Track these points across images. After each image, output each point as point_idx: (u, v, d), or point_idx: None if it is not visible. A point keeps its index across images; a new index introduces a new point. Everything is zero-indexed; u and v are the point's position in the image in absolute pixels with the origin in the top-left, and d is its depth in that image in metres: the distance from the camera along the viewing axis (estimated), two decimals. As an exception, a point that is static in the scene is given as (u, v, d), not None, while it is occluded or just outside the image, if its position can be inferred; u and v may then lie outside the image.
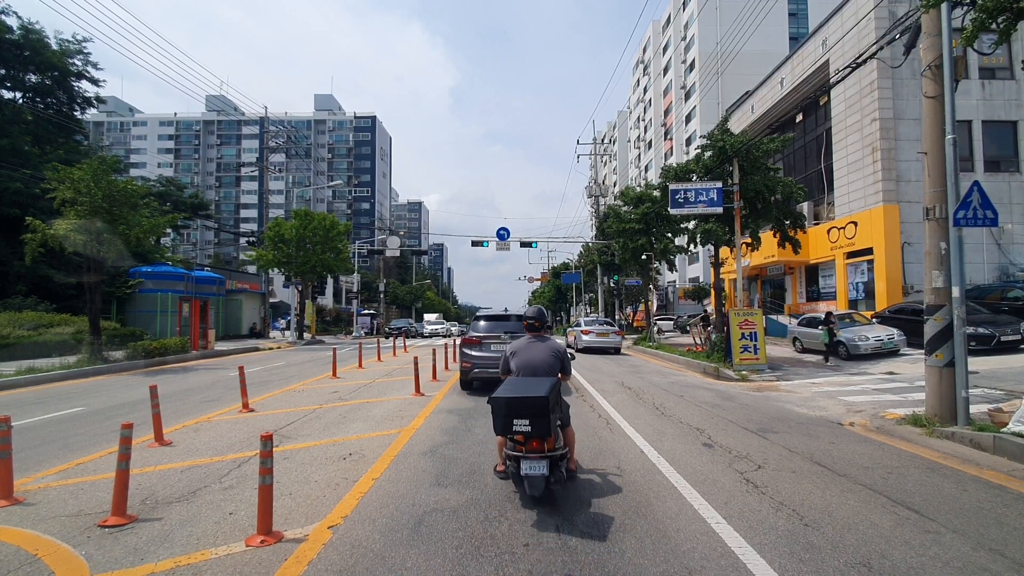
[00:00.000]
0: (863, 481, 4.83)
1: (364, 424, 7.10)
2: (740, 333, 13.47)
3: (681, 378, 12.61)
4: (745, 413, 8.04)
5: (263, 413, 7.98)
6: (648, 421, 7.33)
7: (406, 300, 69.76)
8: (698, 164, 15.33)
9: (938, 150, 7.51)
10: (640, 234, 22.86)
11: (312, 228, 28.10)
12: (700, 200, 14.45)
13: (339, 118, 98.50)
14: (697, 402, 9.01)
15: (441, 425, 7.00)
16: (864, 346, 14.51)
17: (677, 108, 58.05)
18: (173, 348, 17.63)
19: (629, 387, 10.67)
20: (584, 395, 9.62)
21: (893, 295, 18.39)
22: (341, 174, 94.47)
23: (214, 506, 4.14)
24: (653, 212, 22.81)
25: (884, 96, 19.26)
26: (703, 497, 4.29)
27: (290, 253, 27.79)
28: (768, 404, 8.94)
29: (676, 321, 37.96)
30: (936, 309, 7.31)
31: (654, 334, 22.87)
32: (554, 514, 3.89)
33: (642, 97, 68.80)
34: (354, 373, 13.49)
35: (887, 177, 18.95)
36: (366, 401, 8.93)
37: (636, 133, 70.69)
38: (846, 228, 20.60)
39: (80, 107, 29.02)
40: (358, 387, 10.68)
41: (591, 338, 20.72)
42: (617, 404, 8.64)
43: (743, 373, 12.78)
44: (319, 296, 59.58)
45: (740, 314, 13.64)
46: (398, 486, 4.55)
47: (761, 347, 13.44)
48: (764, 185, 14.62)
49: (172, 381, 12.23)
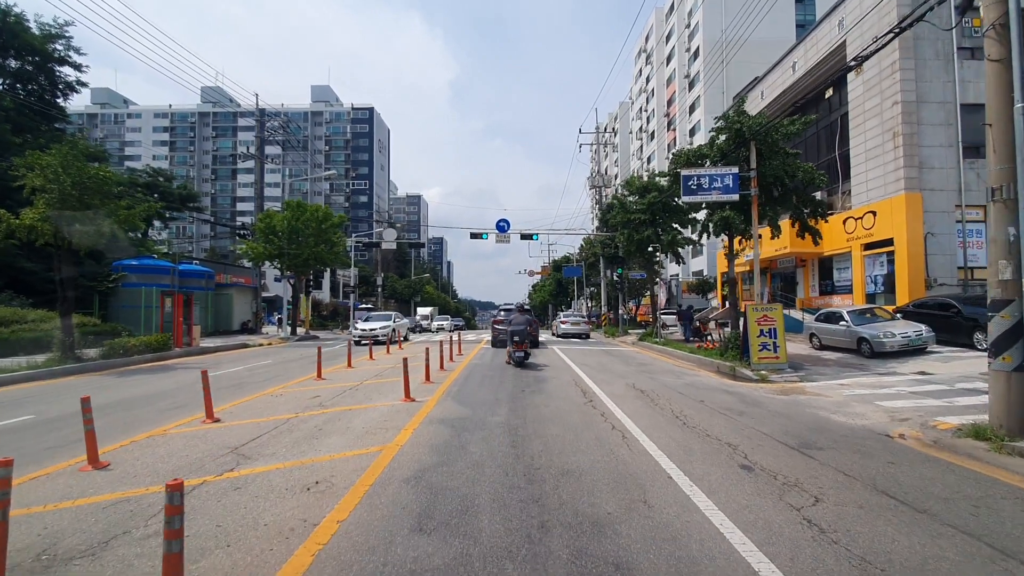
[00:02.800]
0: (951, 521, 3.87)
1: (341, 439, 6.13)
2: (759, 330, 12.49)
3: (696, 379, 11.65)
4: (778, 423, 7.07)
5: (228, 424, 7.01)
6: (670, 434, 6.36)
7: (404, 294, 68.78)
8: (712, 148, 14.28)
9: (1005, 120, 6.48)
10: (646, 225, 21.84)
11: (304, 220, 27.06)
12: (714, 187, 13.43)
13: (336, 110, 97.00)
14: (720, 408, 8.04)
15: (430, 440, 6.03)
16: (890, 343, 13.53)
17: (680, 98, 56.79)
18: (153, 345, 16.66)
19: (642, 390, 9.70)
20: (593, 400, 8.66)
21: (915, 289, 17.39)
22: (338, 166, 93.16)
23: (126, 565, 3.16)
24: (660, 202, 21.78)
25: (907, 78, 18.16)
26: (760, 550, 3.32)
27: (281, 246, 26.77)
28: (800, 411, 7.98)
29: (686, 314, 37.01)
30: (1003, 305, 6.31)
31: (660, 329, 21.91)
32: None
33: (644, 87, 67.46)
34: (342, 374, 12.52)
35: (909, 164, 17.89)
36: (348, 408, 7.95)
37: (638, 124, 69.41)
38: (864, 218, 19.56)
39: (62, 93, 27.87)
40: (343, 391, 9.71)
41: (567, 327, 27.98)
42: (632, 412, 7.67)
43: (762, 373, 11.82)
44: (316, 290, 58.62)
45: (759, 309, 12.65)
46: (368, 534, 3.57)
47: (781, 345, 12.46)
48: (783, 171, 13.59)
49: (144, 383, 11.27)
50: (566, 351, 18.59)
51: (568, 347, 20.59)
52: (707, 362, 14.10)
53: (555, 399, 8.68)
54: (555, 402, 8.42)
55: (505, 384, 10.41)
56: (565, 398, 8.78)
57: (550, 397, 8.87)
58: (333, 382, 10.85)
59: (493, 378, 11.42)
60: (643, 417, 7.32)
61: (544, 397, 8.90)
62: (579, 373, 12.42)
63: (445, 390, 9.65)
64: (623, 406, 8.10)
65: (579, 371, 12.85)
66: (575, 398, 8.81)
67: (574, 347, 20.63)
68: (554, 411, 7.71)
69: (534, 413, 7.55)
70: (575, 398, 8.81)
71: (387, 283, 70.56)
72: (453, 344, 18.18)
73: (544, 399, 8.69)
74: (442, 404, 8.24)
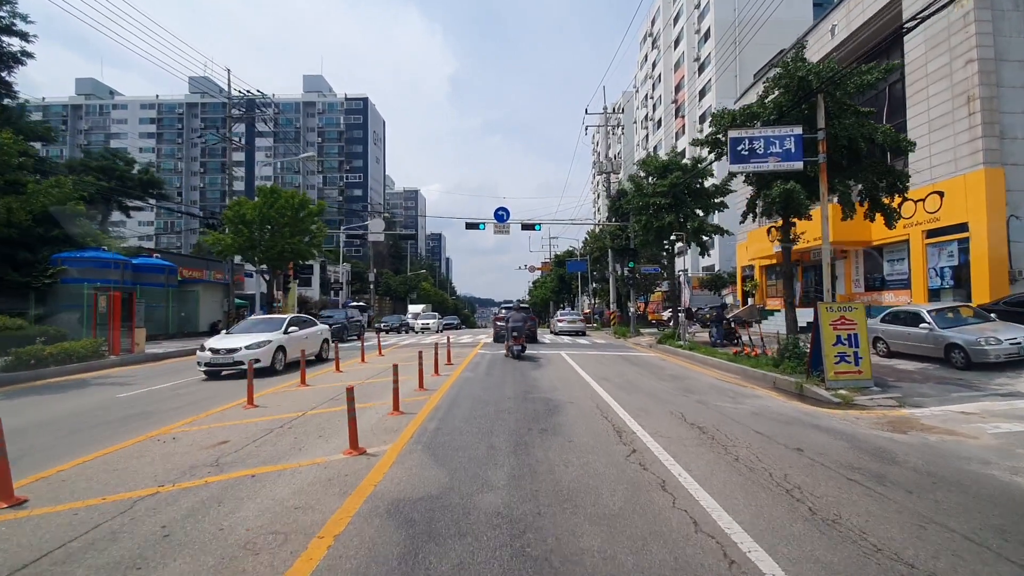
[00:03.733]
0: None
1: (201, 559, 3.21)
2: (834, 336, 9.57)
3: (759, 402, 8.72)
4: (955, 501, 4.15)
5: (31, 513, 4.09)
6: (796, 536, 3.42)
7: (400, 291, 65.82)
8: (764, 106, 11.31)
9: None
10: (667, 210, 18.89)
11: (279, 208, 24.04)
12: (771, 152, 10.48)
13: (329, 100, 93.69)
14: (837, 466, 5.12)
15: (363, 564, 3.10)
16: (994, 352, 10.62)
17: (690, 83, 53.75)
18: (79, 353, 13.74)
19: (700, 427, 6.77)
20: (637, 448, 5.71)
21: (998, 283, 14.49)
22: (332, 159, 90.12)
23: None
24: (683, 184, 18.83)
25: (983, 31, 15.21)
26: None
27: (253, 237, 23.79)
28: (957, 469, 5.07)
29: (696, 313, 34.05)
30: None
31: (683, 332, 19.01)
32: None
33: (650, 73, 64.35)
34: (286, 396, 9.59)
35: (988, 133, 14.95)
36: (252, 472, 5.02)
37: (644, 112, 66.33)
38: (926, 200, 16.62)
39: (7, 66, 24.82)
40: (268, 430, 6.77)
41: (564, 324, 28.49)
42: (705, 477, 4.74)
43: (842, 393, 8.92)
44: (304, 287, 55.67)
45: (834, 309, 9.72)
46: None
47: (865, 356, 9.54)
48: (859, 132, 10.64)
49: (25, 408, 8.38)
50: (578, 358, 15.68)
51: (579, 353, 17.66)
52: (756, 375, 11.21)
53: (579, 447, 5.75)
54: (579, 454, 5.50)
55: (505, 416, 7.48)
56: (594, 445, 5.85)
57: (571, 443, 5.94)
58: (265, 412, 7.91)
59: (488, 404, 8.48)
60: (730, 491, 4.39)
61: (562, 442, 5.97)
62: (602, 394, 9.50)
63: (417, 429, 6.70)
64: (687, 463, 5.17)
65: (601, 390, 9.93)
66: (608, 444, 5.88)
67: (587, 353, 17.71)
68: (581, 476, 4.79)
69: (550, 483, 4.63)
70: (608, 444, 5.88)
71: (381, 280, 67.59)
72: (442, 349, 15.24)
73: (562, 447, 5.76)
74: (405, 462, 5.29)
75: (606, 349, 19.41)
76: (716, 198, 19.49)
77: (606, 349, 19.41)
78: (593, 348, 20.01)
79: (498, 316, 23.04)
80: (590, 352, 17.85)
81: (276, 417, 7.49)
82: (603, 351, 18.41)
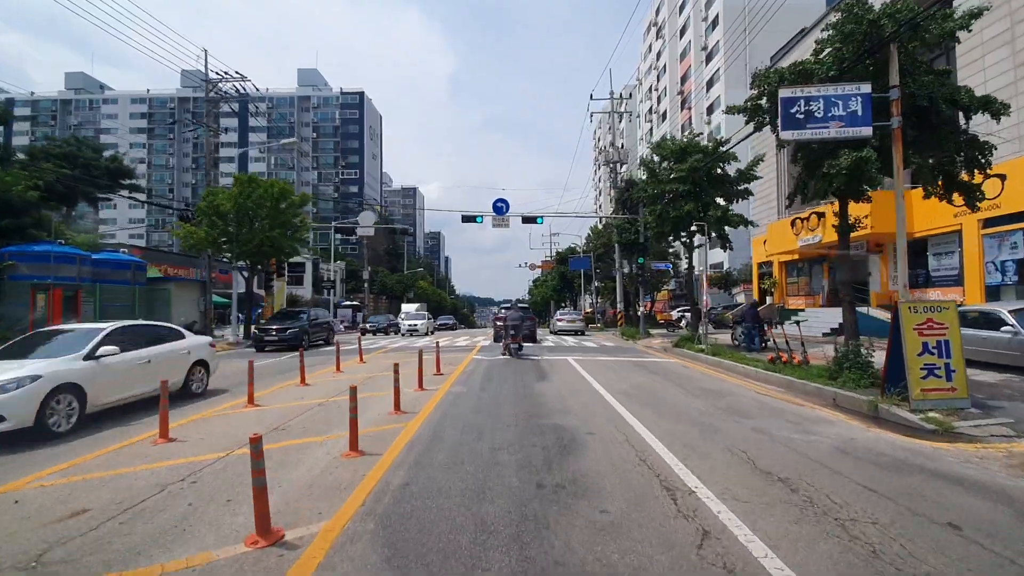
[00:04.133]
0: None
1: None
2: (919, 344, 7.56)
3: (833, 430, 6.71)
4: None
5: None
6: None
7: (396, 290, 63.79)
8: (821, 62, 9.27)
9: None
10: (685, 198, 16.87)
11: (257, 198, 22.05)
12: (833, 115, 8.46)
13: (324, 94, 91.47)
14: (998, 553, 3.11)
15: None
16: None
17: (697, 72, 51.71)
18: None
19: (780, 478, 4.73)
20: (699, 518, 3.69)
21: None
22: (327, 155, 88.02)
23: None
24: (703, 168, 16.83)
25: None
26: None
27: (228, 230, 21.79)
28: None
29: (710, 313, 32.04)
30: None
31: (703, 335, 17.02)
32: None
33: (655, 64, 62.27)
34: (214, 424, 7.57)
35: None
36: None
37: (648, 105, 64.26)
38: (984, 185, 14.59)
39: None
40: (158, 487, 4.76)
41: (563, 324, 28.28)
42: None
43: (935, 417, 6.93)
44: (296, 286, 53.61)
45: (919, 310, 7.70)
46: None
47: (959, 369, 7.54)
48: (939, 92, 8.63)
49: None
50: (587, 364, 13.68)
51: (588, 358, 15.67)
52: (809, 390, 9.23)
53: (618, 527, 3.72)
54: (621, 539, 3.48)
55: (503, 458, 5.46)
56: (640, 520, 3.82)
57: (604, 517, 3.91)
58: (174, 453, 5.84)
59: (480, 437, 6.47)
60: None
61: (589, 512, 3.95)
62: (628, 419, 7.51)
63: (376, 486, 4.65)
64: (799, 560, 3.15)
65: (626, 413, 7.94)
66: (661, 518, 3.85)
67: (596, 359, 15.71)
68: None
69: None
70: (661, 518, 3.85)
71: (376, 278, 65.55)
72: (431, 355, 13.21)
73: (592, 526, 3.73)
74: (338, 566, 3.26)
75: (617, 353, 17.42)
76: (740, 184, 17.46)
77: (617, 353, 17.42)
78: (602, 352, 18.01)
79: (498, 316, 23.07)
80: (600, 357, 15.86)
81: (184, 460, 5.47)
82: (614, 356, 16.41)
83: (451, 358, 15.31)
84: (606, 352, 18.07)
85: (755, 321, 15.98)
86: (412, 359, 12.41)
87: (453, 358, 15.43)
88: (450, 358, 15.22)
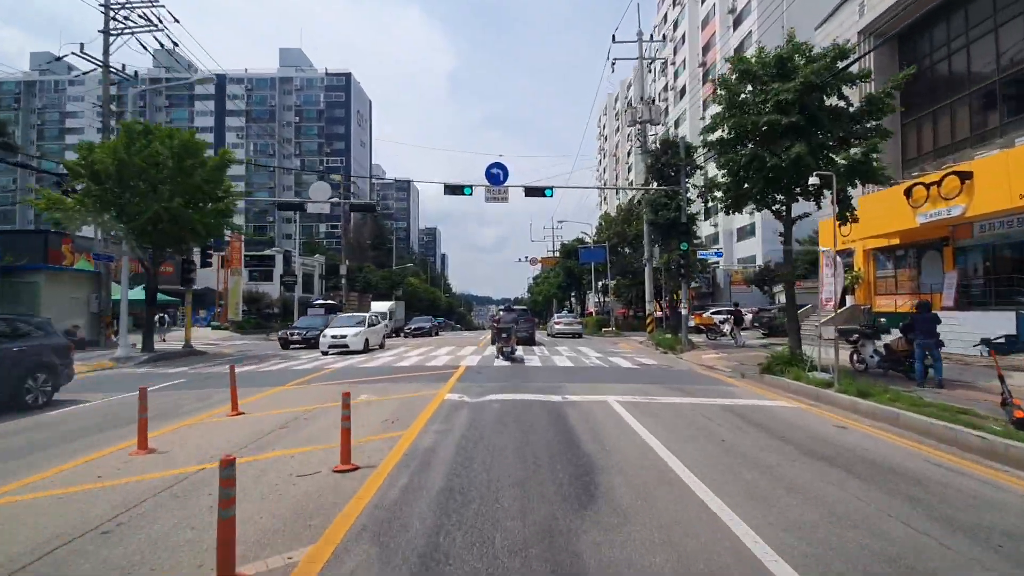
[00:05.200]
0: None
1: None
2: None
3: None
4: None
5: None
6: None
7: (381, 287, 57.22)
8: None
9: None
10: (792, 136, 10.46)
11: (149, 154, 15.58)
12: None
13: (308, 75, 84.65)
14: None
15: None
16: None
17: (723, 39, 45.33)
18: None
19: None
20: None
21: None
22: (311, 141, 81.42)
23: None
24: (819, 88, 10.45)
25: None
26: None
27: (106, 197, 15.35)
28: None
29: (755, 316, 25.68)
30: None
31: (814, 356, 10.64)
32: None
33: (671, 35, 55.82)
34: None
35: None
36: None
37: (663, 82, 57.76)
38: None
39: None
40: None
41: (561, 327, 29.27)
42: None
43: None
44: (264, 282, 47.12)
45: None
46: None
47: None
48: None
49: None
50: (651, 416, 7.21)
51: (643, 401, 9.17)
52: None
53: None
54: None
55: None
56: None
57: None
58: None
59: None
60: None
61: None
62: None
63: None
64: None
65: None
66: None
67: (658, 401, 9.21)
68: None
69: None
70: None
71: (360, 275, 59.04)
72: (371, 408, 6.76)
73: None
74: None
75: (675, 383, 11.03)
76: (868, 120, 11.05)
77: (675, 383, 11.03)
78: (649, 378, 11.63)
79: (495, 318, 20.96)
80: (663, 398, 9.30)
81: None
82: (678, 391, 9.96)
83: (401, 407, 8.74)
84: (655, 378, 11.67)
85: (928, 334, 9.52)
86: (330, 415, 6.23)
87: (404, 408, 8.80)
88: (399, 407, 8.68)
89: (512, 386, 10.29)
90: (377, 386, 10.41)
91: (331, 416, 6.95)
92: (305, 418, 7.52)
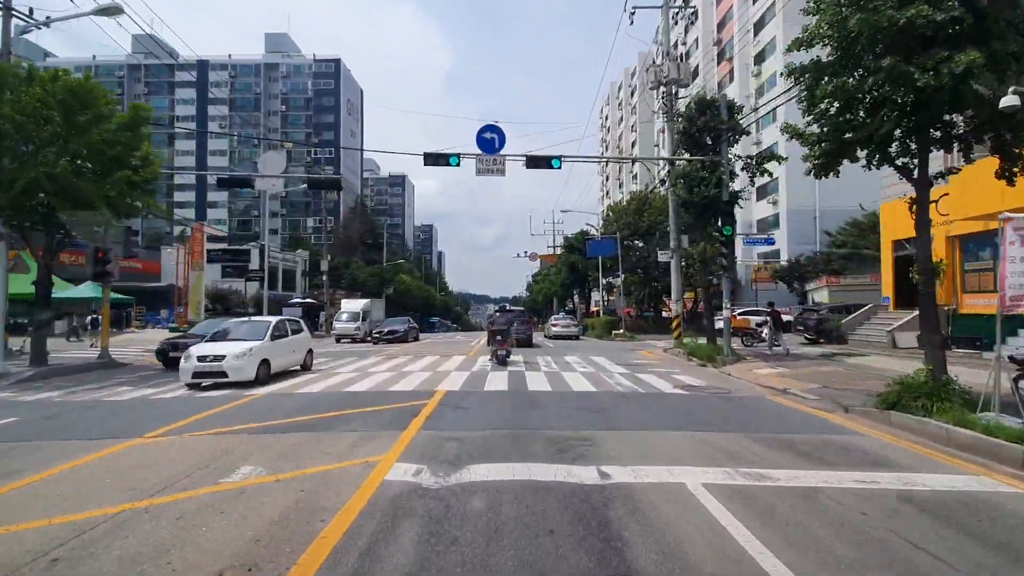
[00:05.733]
0: None
1: None
2: None
3: None
4: None
5: None
6: None
7: (370, 285, 53.21)
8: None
9: None
10: (948, 43, 6.59)
11: (28, 101, 11.63)
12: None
13: (295, 62, 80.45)
14: None
15: None
16: None
17: (741, 12, 41.49)
18: None
19: None
20: None
21: None
22: (298, 131, 77.28)
23: None
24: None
25: None
26: None
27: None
28: None
29: (797, 319, 21.81)
30: None
31: (990, 393, 6.87)
32: None
33: (681, 13, 51.72)
34: None
35: None
36: None
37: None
38: None
39: None
40: None
41: (558, 329, 29.72)
42: None
43: None
44: (236, 279, 43.19)
45: None
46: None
47: None
48: None
49: None
50: (763, 523, 3.30)
51: (742, 484, 5.30)
52: None
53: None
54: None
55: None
56: None
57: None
58: None
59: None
60: None
61: None
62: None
63: None
64: None
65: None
66: None
67: (780, 487, 5.36)
68: None
69: None
70: None
71: (346, 271, 55.04)
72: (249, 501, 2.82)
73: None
74: None
75: (760, 424, 7.16)
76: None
77: (760, 424, 7.16)
78: (719, 417, 7.72)
79: (493, 319, 19.88)
80: (767, 465, 5.52)
81: None
82: (771, 436, 6.10)
83: (291, 512, 4.90)
84: (726, 417, 7.77)
85: None
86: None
87: (293, 515, 4.96)
88: (288, 510, 4.84)
89: (510, 438, 6.39)
90: (285, 441, 6.39)
91: (140, 535, 3.08)
92: (83, 546, 3.61)
